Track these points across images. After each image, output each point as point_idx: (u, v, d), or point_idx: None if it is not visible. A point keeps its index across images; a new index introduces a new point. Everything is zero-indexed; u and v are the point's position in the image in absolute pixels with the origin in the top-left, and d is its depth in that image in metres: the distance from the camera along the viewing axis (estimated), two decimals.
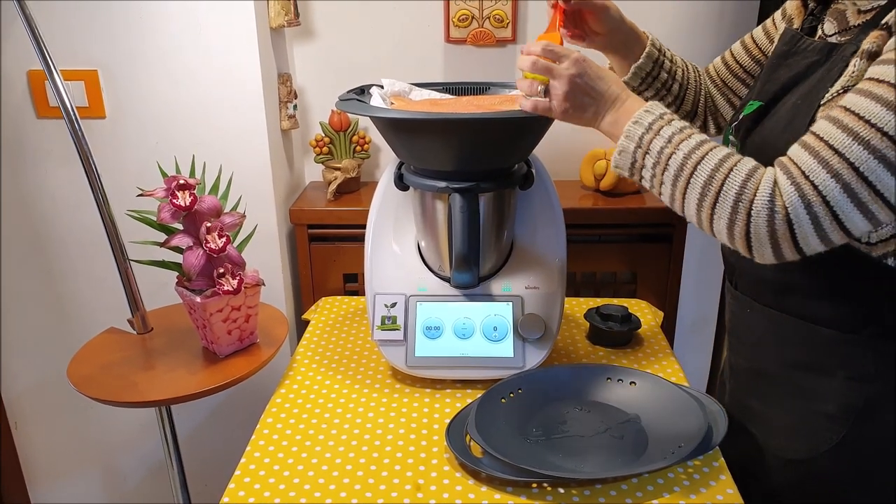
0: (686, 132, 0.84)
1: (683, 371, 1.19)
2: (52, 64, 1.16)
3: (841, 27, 0.90)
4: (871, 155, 0.72)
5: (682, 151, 0.82)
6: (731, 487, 0.91)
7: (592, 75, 0.89)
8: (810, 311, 0.92)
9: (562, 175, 1.65)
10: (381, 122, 1.09)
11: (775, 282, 0.95)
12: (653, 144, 0.85)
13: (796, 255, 0.79)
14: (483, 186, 1.06)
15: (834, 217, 0.75)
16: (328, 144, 1.61)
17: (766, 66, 1.01)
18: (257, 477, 0.95)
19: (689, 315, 1.80)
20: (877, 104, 0.73)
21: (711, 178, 0.80)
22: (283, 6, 1.45)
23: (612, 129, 0.89)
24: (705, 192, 0.81)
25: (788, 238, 0.77)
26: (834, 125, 0.75)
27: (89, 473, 1.79)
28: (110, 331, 1.33)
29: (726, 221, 0.80)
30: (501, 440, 0.95)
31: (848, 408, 0.91)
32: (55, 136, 1.45)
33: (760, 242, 0.79)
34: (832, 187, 0.74)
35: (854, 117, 0.74)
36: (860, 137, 0.73)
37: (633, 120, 0.86)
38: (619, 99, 0.89)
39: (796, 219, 0.76)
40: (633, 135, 0.86)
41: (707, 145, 0.82)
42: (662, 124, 0.85)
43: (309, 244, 1.56)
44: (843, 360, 0.91)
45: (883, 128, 0.72)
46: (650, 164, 0.85)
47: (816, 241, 0.77)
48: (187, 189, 1.12)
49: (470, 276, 1.10)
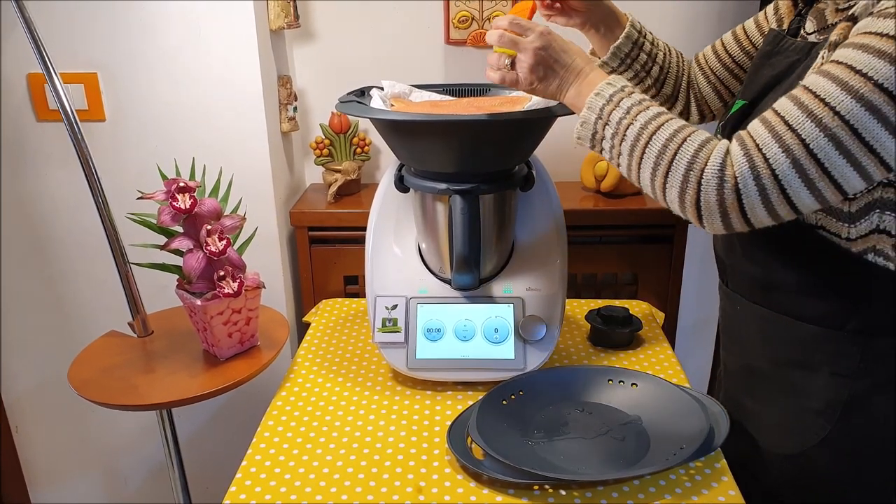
0: (644, 104, 0.86)
1: (685, 372, 1.19)
2: (52, 67, 1.16)
3: (820, 25, 0.91)
4: (821, 132, 0.74)
5: (638, 122, 0.84)
6: (734, 489, 0.91)
7: (557, 48, 0.91)
8: (795, 307, 0.94)
9: (562, 176, 1.65)
10: (381, 124, 1.09)
11: (762, 278, 0.97)
12: (612, 115, 0.86)
13: (745, 225, 0.81)
14: (483, 188, 1.06)
15: (781, 191, 0.77)
16: (328, 146, 1.61)
17: (751, 66, 1.03)
18: (258, 480, 0.94)
19: (690, 316, 1.80)
20: (832, 83, 0.74)
21: (665, 147, 0.82)
22: (282, 8, 1.45)
23: (575, 101, 0.91)
24: (659, 161, 0.83)
25: (737, 208, 0.79)
26: (791, 102, 0.77)
27: (90, 476, 1.79)
28: (111, 334, 1.33)
29: (678, 190, 0.82)
30: (503, 442, 0.95)
31: (833, 403, 0.92)
32: (55, 139, 1.45)
33: (710, 211, 0.81)
34: (781, 161, 0.76)
35: (810, 95, 0.76)
36: (813, 115, 0.75)
37: (595, 92, 0.88)
38: (583, 72, 0.91)
39: (744, 189, 0.78)
40: (595, 106, 0.88)
41: (663, 117, 0.84)
42: (623, 96, 0.87)
43: (309, 246, 1.56)
44: (827, 356, 0.92)
45: (836, 107, 0.74)
46: (609, 134, 0.87)
47: (764, 213, 0.79)
48: (187, 192, 1.12)
49: (471, 278, 1.10)
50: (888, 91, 0.72)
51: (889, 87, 0.71)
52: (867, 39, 0.74)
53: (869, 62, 0.73)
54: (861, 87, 0.73)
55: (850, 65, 0.74)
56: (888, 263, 0.86)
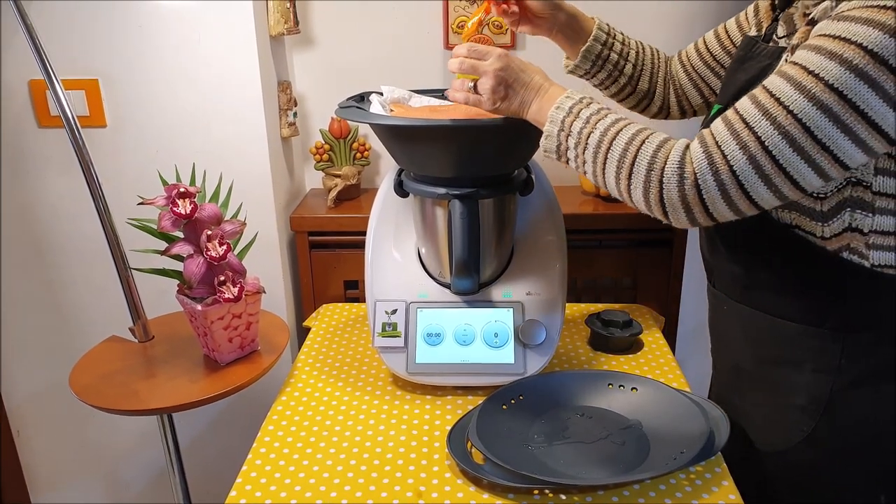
0: (602, 112, 0.89)
1: (685, 376, 1.19)
2: (53, 73, 1.16)
3: (789, 30, 0.93)
4: (776, 130, 0.76)
5: (598, 130, 0.87)
6: (734, 493, 0.91)
7: (515, 68, 0.94)
8: (776, 306, 0.96)
9: (562, 181, 1.66)
10: (380, 129, 1.09)
11: (743, 278, 0.99)
12: (573, 126, 0.89)
13: (708, 220, 0.83)
14: (483, 192, 1.06)
15: (739, 186, 0.79)
16: (328, 151, 1.61)
17: (727, 71, 1.05)
18: (258, 484, 0.95)
19: (690, 320, 1.80)
20: (787, 84, 0.77)
21: (626, 150, 0.84)
22: (282, 14, 1.46)
23: (537, 116, 0.93)
24: (621, 164, 0.85)
25: (698, 203, 0.81)
26: (750, 101, 0.80)
27: (91, 481, 1.79)
28: (112, 339, 1.33)
29: (642, 190, 0.84)
30: (503, 447, 0.95)
31: (816, 399, 0.93)
32: (56, 146, 1.46)
33: (674, 208, 0.83)
34: (738, 157, 0.78)
35: (767, 95, 0.78)
36: (768, 113, 0.77)
37: (556, 105, 0.91)
38: (542, 88, 0.94)
39: (704, 184, 0.80)
40: (556, 119, 0.90)
41: (621, 122, 0.87)
42: (581, 107, 0.89)
43: (309, 251, 1.56)
44: (809, 353, 0.94)
45: (788, 106, 0.76)
46: (572, 144, 0.89)
47: (724, 208, 0.81)
48: (188, 197, 1.13)
49: (470, 283, 1.10)
50: (838, 91, 0.74)
51: (839, 87, 0.74)
52: (820, 41, 0.76)
53: (820, 63, 0.75)
54: (813, 87, 0.75)
55: (803, 65, 0.76)
56: (863, 261, 0.88)
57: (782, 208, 0.89)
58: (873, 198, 0.85)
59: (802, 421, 0.95)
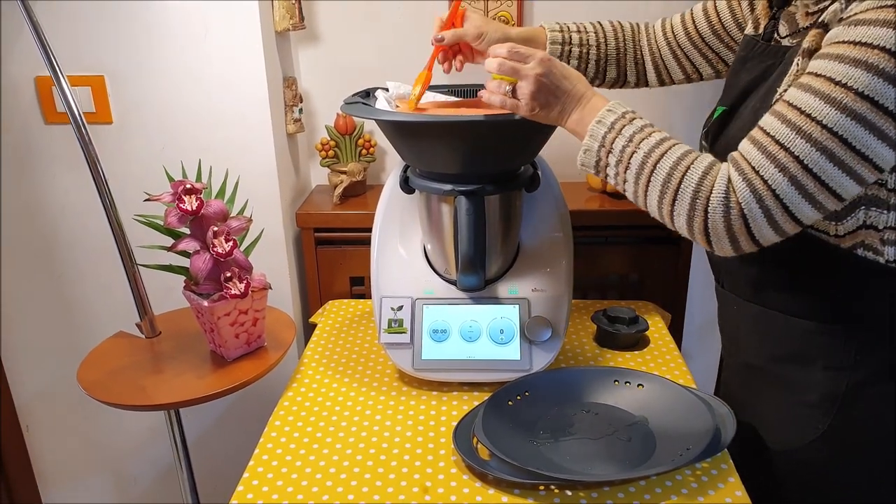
0: (647, 130, 0.87)
1: (691, 373, 1.19)
2: (60, 70, 1.17)
3: (792, 29, 0.92)
4: (813, 147, 0.76)
5: (642, 150, 0.85)
6: (740, 489, 0.91)
7: (558, 74, 0.91)
8: (787, 304, 0.95)
9: (568, 177, 1.65)
10: (386, 126, 1.09)
11: (754, 277, 0.98)
12: (615, 143, 0.87)
13: (753, 246, 0.83)
14: (489, 189, 1.06)
15: (784, 209, 0.78)
16: (334, 148, 1.61)
17: (729, 71, 1.04)
18: (265, 480, 0.95)
19: (696, 317, 1.80)
20: (815, 97, 0.76)
21: (670, 176, 0.83)
22: (287, 10, 1.46)
23: (577, 127, 0.92)
24: (665, 189, 0.84)
25: (744, 232, 0.81)
26: (778, 120, 0.79)
27: (100, 476, 1.80)
28: (119, 335, 1.34)
29: (685, 218, 0.83)
30: (508, 443, 0.95)
31: (829, 397, 0.93)
32: (63, 142, 1.46)
33: (718, 237, 0.82)
34: (780, 181, 0.77)
35: (796, 111, 0.77)
36: (802, 131, 0.76)
37: (597, 119, 0.89)
38: (585, 97, 0.92)
39: (750, 214, 0.79)
40: (597, 134, 0.88)
41: (666, 143, 0.85)
42: (624, 123, 0.88)
43: (315, 247, 1.56)
44: (821, 350, 0.93)
45: (822, 121, 0.75)
46: (613, 162, 0.88)
47: (771, 233, 0.81)
48: (194, 193, 1.13)
49: (476, 279, 1.10)
50: (870, 98, 0.73)
51: (870, 95, 0.73)
52: (841, 49, 0.75)
53: (846, 72, 0.74)
54: (843, 97, 0.74)
55: (829, 77, 0.75)
56: (878, 257, 0.87)
57: None
58: (888, 195, 0.84)
59: (816, 418, 0.94)
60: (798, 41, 0.90)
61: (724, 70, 1.15)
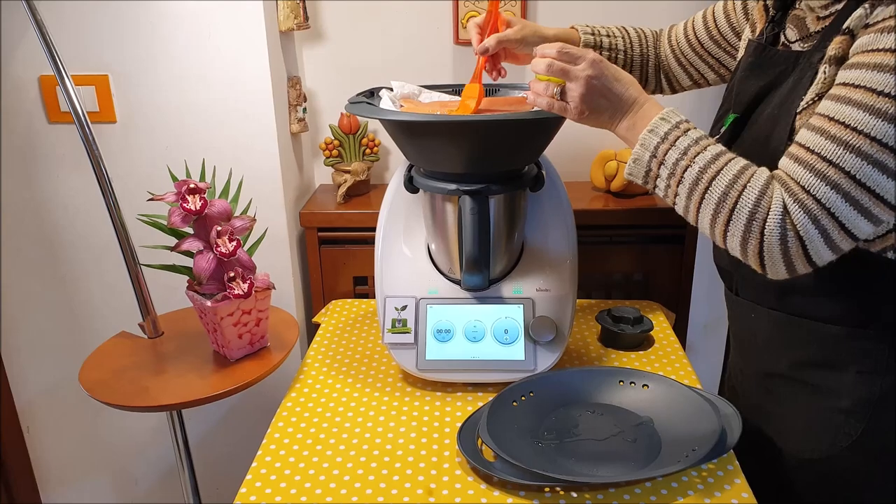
0: (702, 143, 0.84)
1: (696, 373, 1.18)
2: (64, 69, 1.16)
3: (802, 34, 0.91)
4: (864, 161, 0.74)
5: (697, 165, 0.82)
6: (746, 491, 0.90)
7: (610, 77, 0.88)
8: (815, 309, 0.93)
9: (572, 176, 1.65)
10: (390, 125, 1.09)
11: (778, 284, 0.95)
12: (668, 156, 0.84)
13: (809, 268, 0.81)
14: (493, 188, 1.05)
15: (841, 227, 0.77)
16: (338, 147, 1.61)
17: (735, 77, 1.02)
18: (268, 481, 0.94)
19: (701, 317, 1.79)
20: (858, 110, 0.74)
21: (726, 195, 0.81)
22: (292, 9, 1.45)
23: (628, 134, 0.89)
24: (719, 208, 0.81)
25: (801, 255, 0.79)
26: (821, 136, 0.77)
27: (101, 477, 1.79)
28: (121, 335, 1.33)
29: (739, 240, 0.81)
30: (513, 444, 0.94)
31: (863, 402, 0.91)
32: (66, 141, 1.46)
33: (773, 260, 0.80)
34: (834, 199, 0.76)
35: (840, 126, 0.75)
36: (851, 146, 0.74)
37: (649, 128, 0.86)
38: (637, 103, 0.89)
39: (807, 236, 0.77)
40: (649, 144, 0.86)
41: (723, 158, 0.82)
42: (678, 134, 0.85)
43: (319, 247, 1.56)
44: (852, 355, 0.91)
45: (870, 133, 0.74)
46: (665, 174, 0.85)
47: (828, 254, 0.79)
48: (197, 193, 1.12)
49: (480, 279, 1.10)
50: None
51: None
52: (879, 58, 0.74)
53: (887, 81, 0.73)
54: (889, 107, 0.73)
55: (870, 87, 0.74)
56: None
57: None
58: None
59: (849, 425, 0.92)
60: (810, 46, 0.88)
61: (727, 75, 1.15)
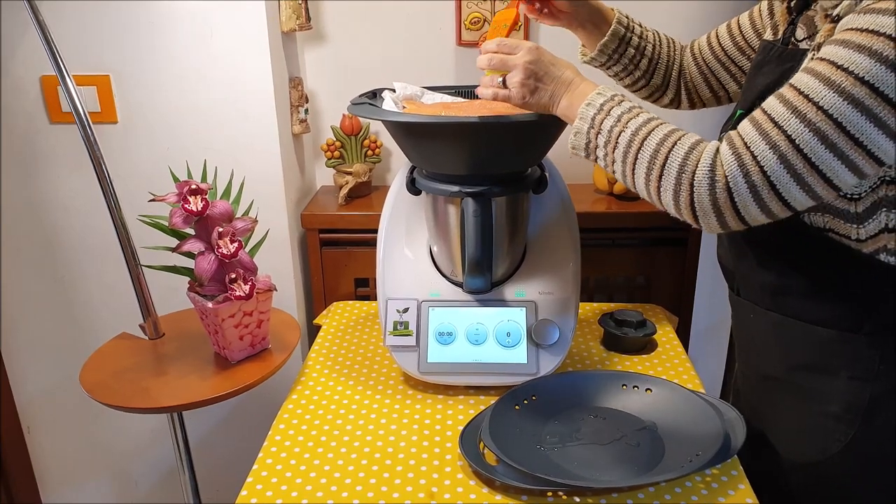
0: (634, 111, 0.87)
1: (699, 377, 1.18)
2: (65, 69, 1.16)
3: (810, 32, 0.91)
4: (806, 128, 0.75)
5: (629, 129, 0.85)
6: (751, 497, 0.90)
7: (546, 61, 0.93)
8: (809, 311, 0.93)
9: (575, 179, 1.64)
10: (392, 126, 1.08)
11: (773, 284, 0.96)
12: (604, 124, 0.87)
13: (740, 224, 0.82)
14: (496, 191, 1.05)
15: (771, 187, 0.78)
16: (339, 149, 1.60)
17: (746, 76, 1.03)
18: (268, 483, 0.94)
19: (703, 320, 1.78)
20: (815, 79, 0.75)
21: (657, 152, 0.83)
22: (294, 10, 1.45)
23: (567, 111, 0.92)
24: (651, 165, 0.84)
25: (730, 206, 0.80)
26: (778, 100, 0.78)
27: (101, 478, 1.79)
28: (122, 336, 1.33)
29: (672, 193, 0.83)
30: (516, 448, 0.94)
31: (853, 407, 0.91)
32: (68, 142, 1.46)
33: (704, 212, 0.81)
34: (770, 158, 0.77)
35: (795, 92, 0.77)
36: (798, 111, 0.76)
37: (586, 102, 0.89)
38: (573, 83, 0.92)
39: (735, 187, 0.78)
40: (586, 116, 0.89)
41: (653, 122, 0.85)
42: (613, 105, 0.88)
43: (320, 249, 1.55)
44: (844, 359, 0.91)
45: (818, 102, 0.74)
46: (602, 142, 0.88)
47: (757, 211, 0.80)
48: (199, 194, 1.12)
49: (483, 282, 1.09)
50: (870, 84, 0.72)
51: (871, 81, 0.72)
52: (848, 35, 0.75)
53: (849, 57, 0.73)
54: (842, 81, 0.73)
55: (831, 60, 0.75)
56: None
57: (815, 212, 0.87)
58: None
59: (839, 430, 0.92)
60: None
61: None
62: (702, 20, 1.56)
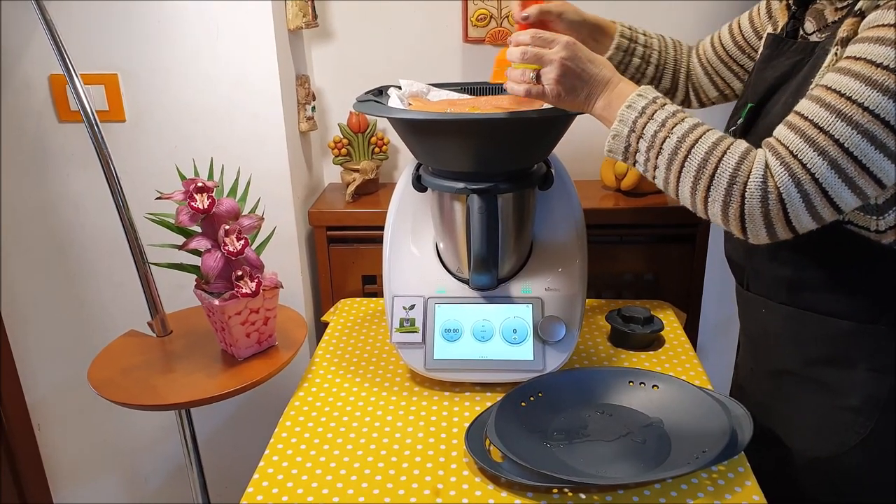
0: (679, 115, 0.85)
1: (707, 374, 1.17)
2: (73, 69, 1.17)
3: (820, 25, 0.91)
4: (854, 130, 0.74)
5: (675, 135, 0.83)
6: (757, 493, 0.89)
7: (584, 58, 0.89)
8: (826, 304, 0.92)
9: (582, 175, 1.64)
10: (399, 124, 1.08)
11: (789, 278, 0.95)
12: (647, 128, 0.85)
13: (789, 233, 0.81)
14: (502, 187, 1.05)
15: (824, 194, 0.77)
16: (346, 146, 1.60)
17: (753, 70, 1.03)
18: (275, 480, 0.94)
19: (712, 316, 1.78)
20: (855, 80, 0.74)
21: (705, 161, 0.81)
22: (301, 8, 1.45)
23: (604, 112, 0.89)
24: (699, 175, 0.82)
25: (782, 217, 0.79)
26: (817, 104, 0.77)
27: (111, 475, 1.80)
28: (130, 333, 1.33)
29: (721, 204, 0.81)
30: (521, 444, 0.93)
31: (872, 400, 0.90)
32: (76, 140, 1.46)
33: (754, 223, 0.80)
34: (820, 164, 0.76)
35: (835, 95, 0.76)
36: (843, 114, 0.75)
37: (627, 104, 0.86)
38: (612, 82, 0.89)
39: (788, 198, 0.77)
40: (627, 119, 0.86)
41: (701, 128, 0.83)
42: (656, 108, 0.85)
43: (328, 246, 1.56)
44: (863, 351, 0.90)
45: (863, 103, 0.74)
46: (644, 148, 0.86)
47: (808, 219, 0.79)
48: (206, 192, 1.12)
49: (489, 278, 1.09)
50: None
51: None
52: (881, 32, 0.74)
53: (887, 54, 0.73)
54: (885, 79, 0.73)
55: (869, 59, 0.74)
56: None
57: None
58: None
59: (857, 423, 0.91)
60: (828, 35, 0.88)
61: None
62: (712, 21, 1.55)
